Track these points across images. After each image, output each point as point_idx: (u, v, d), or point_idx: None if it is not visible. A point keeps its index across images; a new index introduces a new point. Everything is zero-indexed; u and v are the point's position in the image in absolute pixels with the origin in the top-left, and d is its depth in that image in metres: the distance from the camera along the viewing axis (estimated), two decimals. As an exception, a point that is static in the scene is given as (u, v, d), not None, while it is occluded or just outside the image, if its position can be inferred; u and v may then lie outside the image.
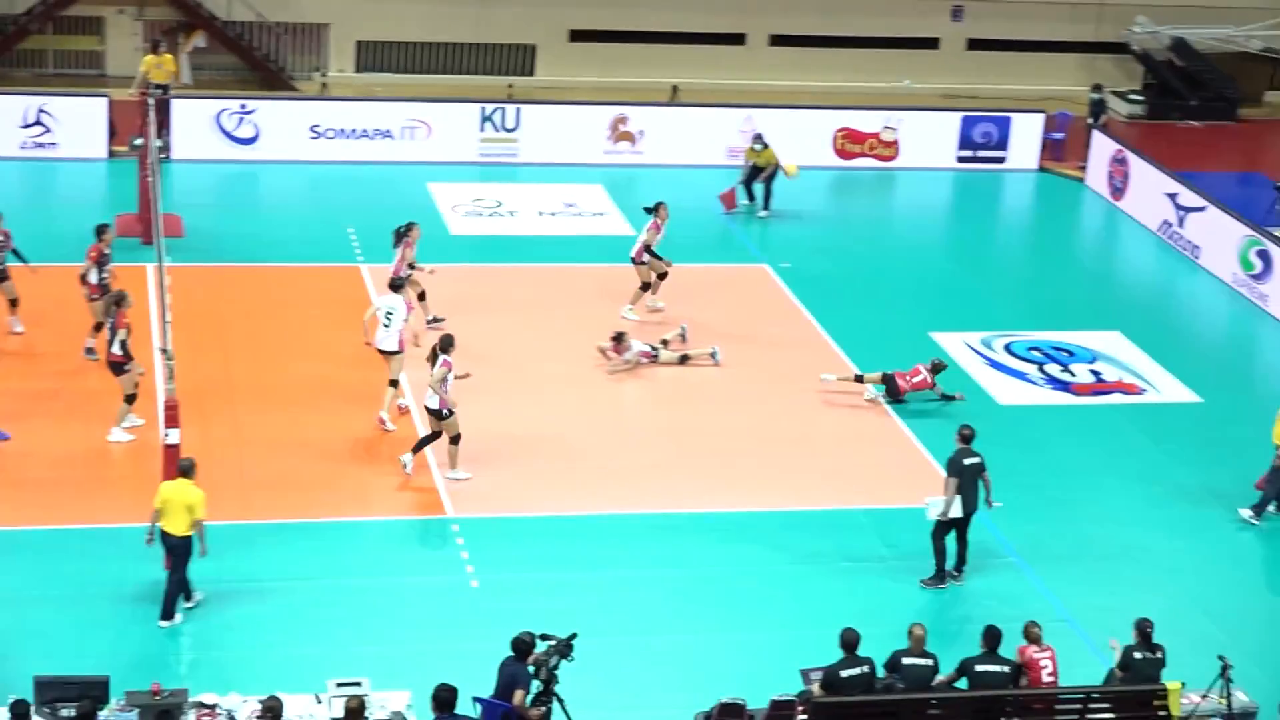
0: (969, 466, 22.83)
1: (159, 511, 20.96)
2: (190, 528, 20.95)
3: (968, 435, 23.17)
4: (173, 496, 20.95)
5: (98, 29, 42.90)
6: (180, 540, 20.96)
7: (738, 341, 30.07)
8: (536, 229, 35.11)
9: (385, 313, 26.45)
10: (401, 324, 26.31)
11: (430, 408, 24.74)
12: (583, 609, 21.77)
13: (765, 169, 36.39)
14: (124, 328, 25.00)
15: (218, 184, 36.69)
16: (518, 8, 44.11)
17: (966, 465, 22.82)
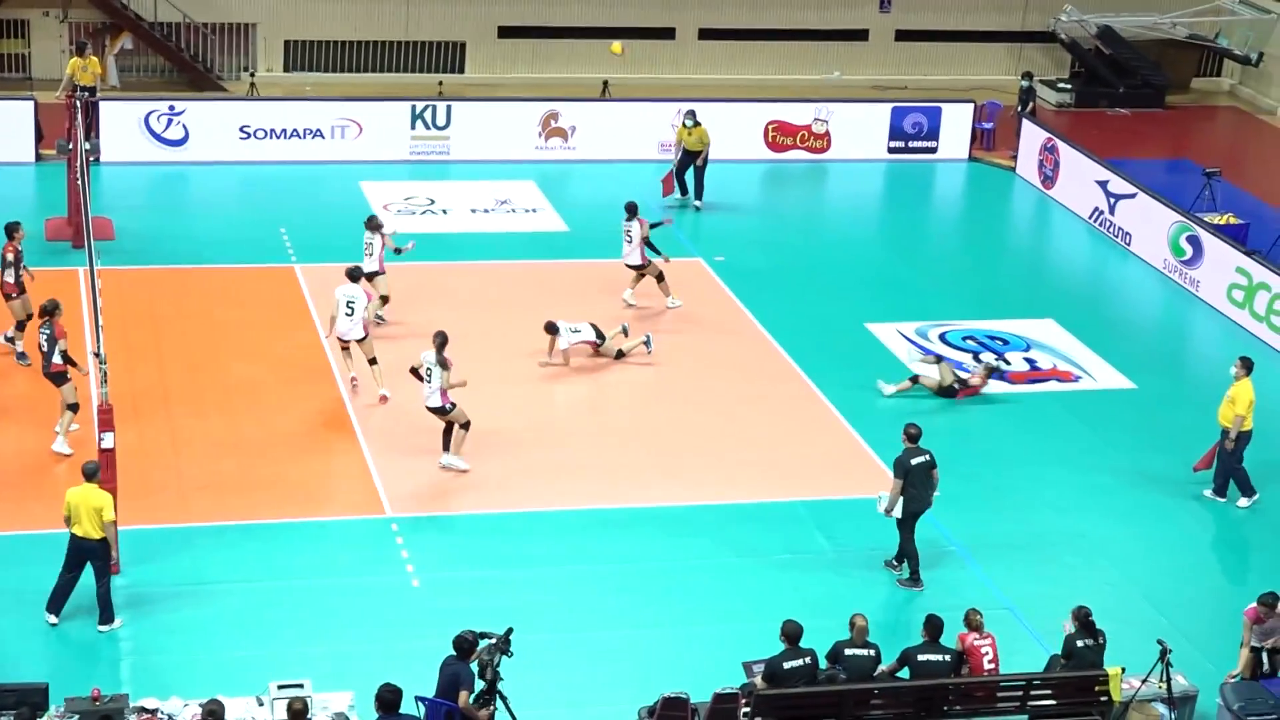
0: (916, 466, 22.83)
1: (69, 518, 20.78)
2: (103, 530, 20.78)
3: (914, 434, 23.11)
4: (80, 501, 20.75)
5: (23, 32, 42.55)
6: (97, 543, 20.78)
7: (675, 335, 30.09)
8: (470, 226, 35.03)
9: (347, 302, 26.86)
10: (363, 311, 26.85)
11: (432, 406, 24.84)
12: (525, 606, 21.75)
13: (697, 155, 36.40)
14: (62, 337, 24.73)
15: (148, 186, 36.43)
16: (446, 5, 44.01)
17: (914, 465, 22.82)
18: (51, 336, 24.65)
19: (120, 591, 21.60)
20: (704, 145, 36.51)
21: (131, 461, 23.61)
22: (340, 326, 26.94)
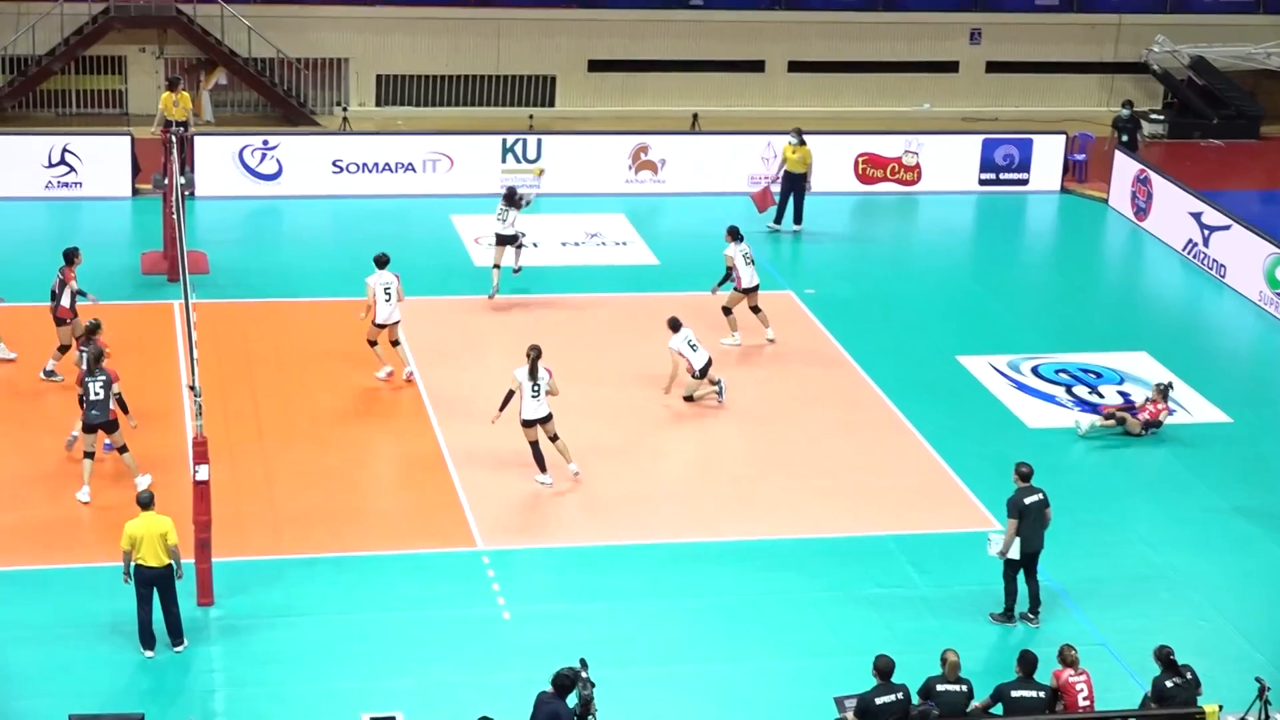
0: (1030, 505, 22.58)
1: (130, 551, 20.89)
2: (168, 555, 20.94)
3: (1026, 473, 22.74)
4: (144, 531, 20.87)
5: (120, 68, 43.06)
6: (163, 570, 20.95)
7: (765, 367, 30.08)
8: (560, 259, 35.12)
9: (384, 288, 28.15)
10: (398, 297, 28.30)
11: (542, 416, 25.37)
12: (613, 639, 21.77)
13: (800, 179, 36.47)
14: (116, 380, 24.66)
15: (242, 220, 36.78)
16: (536, 39, 44.22)
17: (1028, 504, 22.55)
18: (108, 381, 24.66)
19: (214, 622, 21.81)
20: (806, 166, 36.60)
21: (225, 493, 23.81)
22: (381, 313, 27.90)
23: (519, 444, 26.23)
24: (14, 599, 22.26)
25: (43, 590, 22.50)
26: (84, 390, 24.36)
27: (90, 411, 24.37)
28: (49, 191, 36.96)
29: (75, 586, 22.59)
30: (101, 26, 41.41)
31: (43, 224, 35.72)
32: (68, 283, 27.89)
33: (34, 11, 41.34)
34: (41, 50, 41.56)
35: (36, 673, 20.72)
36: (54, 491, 24.87)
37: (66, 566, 23.11)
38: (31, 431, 26.62)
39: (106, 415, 24.42)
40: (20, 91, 41.69)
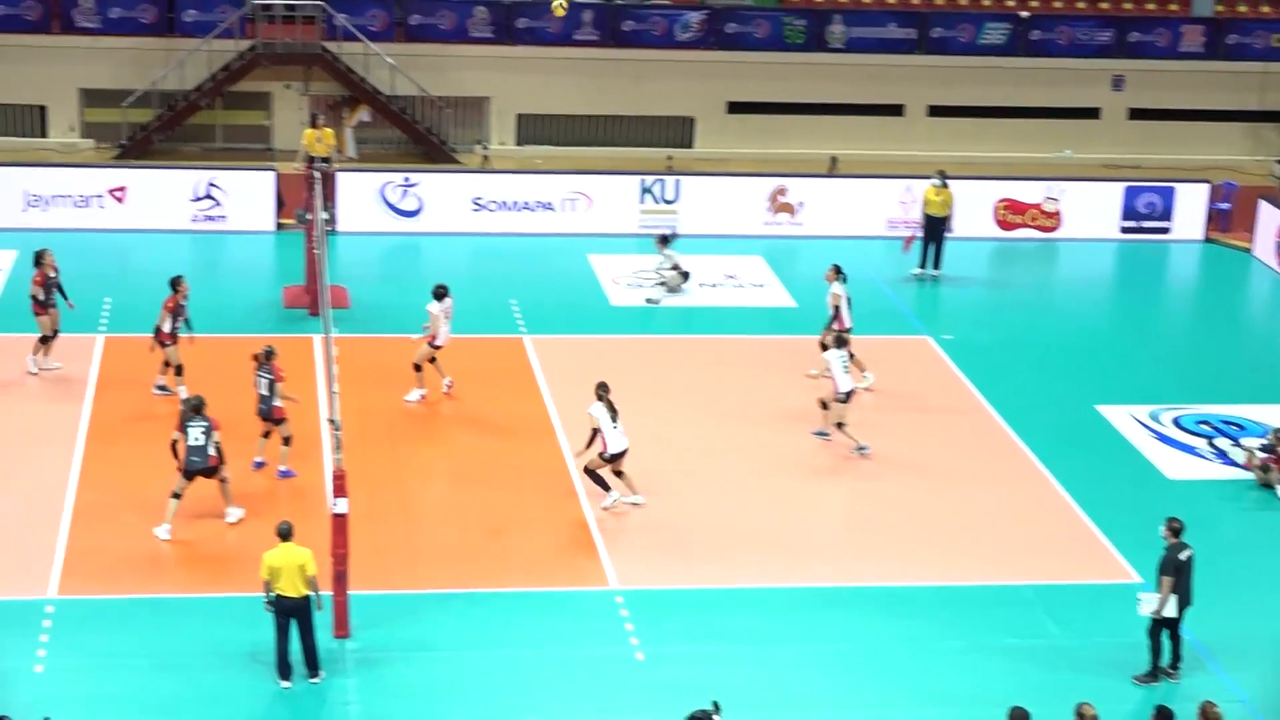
0: (1185, 561, 22.19)
1: (269, 581, 21.11)
2: (306, 586, 21.13)
3: (1177, 529, 22.25)
4: (283, 562, 21.08)
5: (265, 104, 43.67)
6: (300, 600, 21.14)
7: (901, 414, 29.92)
8: (697, 300, 35.16)
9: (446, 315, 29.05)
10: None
11: (625, 449, 25.64)
12: (747, 683, 21.71)
13: (941, 222, 36.36)
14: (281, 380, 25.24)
15: (382, 255, 37.16)
16: (676, 81, 44.37)
17: (1182, 560, 22.16)
18: (272, 381, 25.05)
19: (350, 654, 21.98)
20: (949, 210, 36.49)
21: (363, 527, 24.01)
22: (443, 336, 28.80)
23: (657, 484, 26.36)
24: (156, 626, 22.54)
25: (184, 618, 22.76)
26: (184, 434, 24.57)
27: (190, 457, 24.60)
28: (194, 225, 37.55)
29: (215, 615, 22.83)
30: (248, 63, 42.03)
31: (188, 256, 36.25)
32: (168, 309, 28.33)
33: (183, 48, 42.03)
34: (190, 86, 42.22)
35: (176, 701, 20.96)
36: (195, 519, 25.16)
37: (207, 595, 23.38)
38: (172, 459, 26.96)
39: (205, 461, 24.63)
40: (168, 126, 42.38)
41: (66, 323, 30.97)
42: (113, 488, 26.02)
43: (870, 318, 34.22)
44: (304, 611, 21.24)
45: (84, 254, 35.84)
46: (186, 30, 42.56)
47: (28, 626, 22.33)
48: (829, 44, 44.95)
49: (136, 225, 37.31)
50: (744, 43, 44.68)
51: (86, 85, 42.83)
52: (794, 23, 44.71)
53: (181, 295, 28.59)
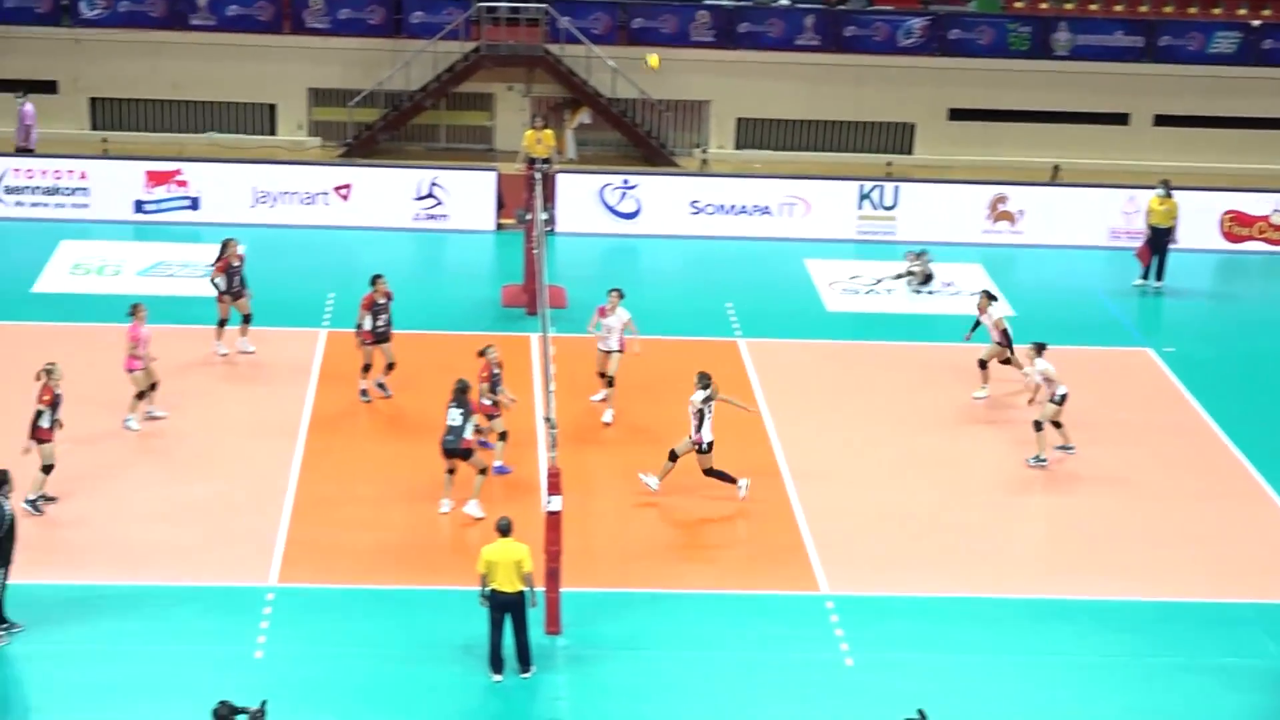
0: None
1: (486, 575, 21.33)
2: (522, 582, 21.32)
3: None
4: (500, 557, 21.28)
5: (488, 105, 44.19)
6: (515, 595, 21.32)
7: (1119, 426, 29.49)
8: (914, 308, 34.96)
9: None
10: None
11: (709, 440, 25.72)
12: (957, 692, 21.61)
13: (1166, 233, 35.79)
14: (478, 412, 25.47)
15: (600, 257, 37.41)
16: (897, 87, 44.13)
17: None
18: (467, 412, 25.25)
19: (561, 651, 22.19)
20: (1173, 220, 35.92)
21: (576, 525, 24.21)
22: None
23: (868, 490, 26.33)
24: (374, 618, 22.94)
25: (401, 610, 23.13)
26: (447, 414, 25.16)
27: (446, 436, 25.06)
28: (416, 223, 38.11)
29: (430, 608, 23.17)
30: (472, 64, 42.55)
31: (409, 254, 36.83)
32: (364, 307, 28.63)
33: (409, 49, 42.67)
34: (415, 86, 42.84)
35: (391, 691, 21.31)
36: (411, 513, 25.56)
37: (423, 588, 23.72)
38: (390, 452, 27.43)
39: (459, 442, 25.04)
40: (393, 126, 43.05)
41: (289, 317, 31.73)
42: (332, 479, 26.50)
43: (1090, 329, 33.87)
44: (519, 607, 21.43)
45: (309, 250, 36.60)
46: (412, 31, 43.19)
47: (249, 613, 22.82)
48: (1054, 51, 44.42)
49: (360, 223, 37.95)
50: (967, 49, 44.29)
51: (315, 85, 43.66)
52: (1018, 29, 44.25)
53: (379, 293, 28.88)
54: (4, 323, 31.91)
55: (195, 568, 23.93)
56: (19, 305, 32.89)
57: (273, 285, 33.58)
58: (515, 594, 21.34)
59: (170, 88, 43.24)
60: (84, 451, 26.50)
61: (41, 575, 23.28)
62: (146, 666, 21.53)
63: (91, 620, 22.47)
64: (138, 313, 27.65)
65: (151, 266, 35.11)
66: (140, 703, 20.81)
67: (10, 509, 21.58)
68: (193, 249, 35.72)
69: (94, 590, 23.19)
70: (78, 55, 42.83)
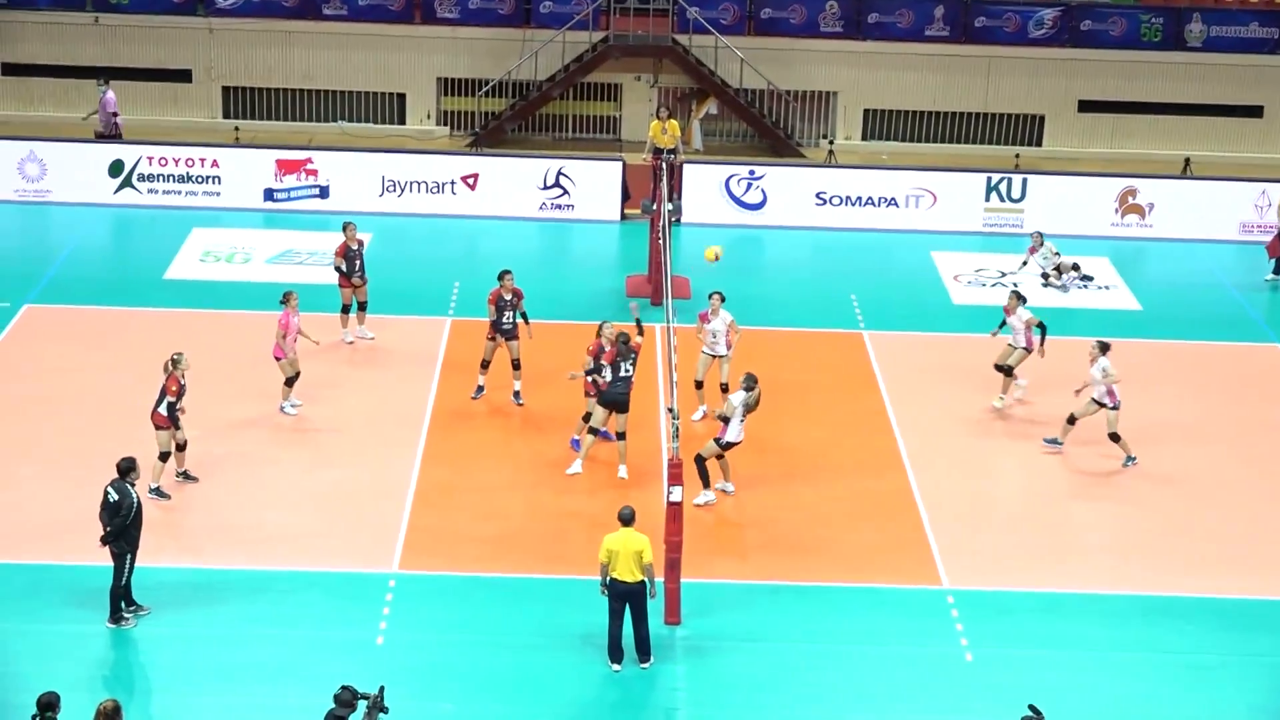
0: None
1: (607, 564, 21.36)
2: (642, 573, 21.38)
3: None
4: (621, 547, 21.30)
5: (615, 95, 44.32)
6: (635, 585, 21.38)
7: (1246, 425, 29.14)
8: (1038, 300, 34.63)
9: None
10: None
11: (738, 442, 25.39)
12: (1077, 689, 21.47)
13: None
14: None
15: (726, 247, 37.24)
16: (1026, 79, 43.82)
17: None
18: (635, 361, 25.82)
19: (680, 642, 22.24)
20: (1304, 210, 35.55)
21: (697, 515, 24.26)
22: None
23: (988, 486, 26.24)
24: (495, 606, 23.09)
25: (521, 599, 23.27)
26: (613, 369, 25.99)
27: (615, 387, 26.00)
28: (542, 212, 38.29)
29: (550, 597, 23.30)
30: (600, 54, 42.68)
31: (535, 244, 37.04)
32: (490, 302, 28.60)
33: (538, 39, 42.86)
34: (542, 76, 43.04)
35: (509, 679, 21.43)
36: (532, 501, 25.73)
37: (544, 577, 23.85)
38: (512, 441, 27.61)
39: (627, 393, 25.96)
40: (521, 115, 43.28)
41: (415, 306, 32.00)
42: (454, 467, 26.70)
43: (1220, 324, 33.52)
44: (639, 597, 21.49)
45: (436, 239, 36.89)
46: (542, 21, 43.38)
47: (371, 599, 23.06)
48: (1186, 42, 43.92)
49: (487, 212, 38.19)
50: (1098, 40, 43.90)
51: (444, 74, 43.95)
52: (1151, 20, 43.79)
53: (505, 289, 28.69)
54: (136, 309, 32.38)
55: (319, 554, 24.20)
56: (151, 291, 33.38)
57: (399, 274, 33.95)
58: (636, 584, 21.39)
59: (301, 77, 43.72)
60: (209, 438, 26.86)
61: (167, 559, 23.67)
62: (269, 650, 21.80)
63: (216, 604, 22.77)
64: (290, 300, 27.94)
65: (280, 255, 35.53)
66: (262, 686, 21.07)
67: (137, 495, 21.93)
68: (321, 237, 36.10)
69: (218, 575, 23.51)
70: (211, 44, 43.39)
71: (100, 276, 34.27)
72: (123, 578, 22.01)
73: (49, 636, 21.85)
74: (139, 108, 42.71)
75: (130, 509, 21.79)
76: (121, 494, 21.79)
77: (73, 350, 30.20)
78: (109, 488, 21.92)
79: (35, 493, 25.24)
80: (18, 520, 24.51)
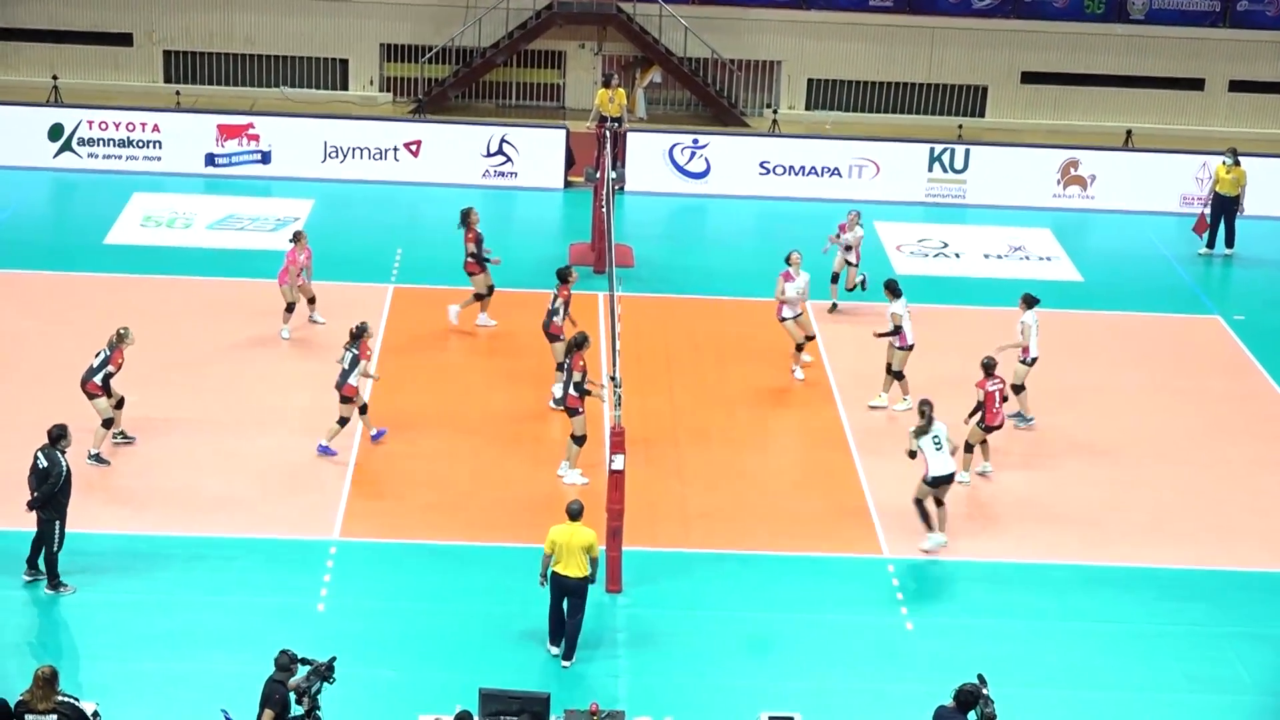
0: None
1: (550, 556, 20.87)
2: (587, 567, 20.89)
3: None
4: (566, 540, 20.80)
5: (559, 63, 44.20)
6: (578, 581, 20.88)
7: (1187, 395, 29.33)
8: (981, 271, 34.80)
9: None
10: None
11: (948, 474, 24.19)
12: (1018, 658, 21.61)
13: (1232, 201, 35.45)
14: (580, 370, 25.31)
15: (668, 216, 37.40)
16: (970, 50, 43.93)
17: None
18: (569, 368, 25.21)
19: (621, 611, 22.28)
20: (1239, 189, 35.58)
21: (638, 484, 24.23)
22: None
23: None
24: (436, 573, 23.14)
25: (462, 566, 23.30)
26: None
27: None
28: (486, 180, 38.16)
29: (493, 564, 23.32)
30: (544, 22, 42.55)
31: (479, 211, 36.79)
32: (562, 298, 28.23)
33: (482, 5, 42.68)
34: (486, 43, 42.89)
35: (451, 646, 21.43)
36: (474, 469, 25.69)
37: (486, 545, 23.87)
38: (456, 408, 27.54)
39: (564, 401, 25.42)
40: (464, 82, 43.13)
41: (358, 272, 31.94)
42: (396, 434, 26.57)
43: (1160, 295, 33.68)
44: (579, 593, 20.94)
45: (378, 205, 36.72)
46: (486, -12, 43.27)
47: (312, 566, 23.00)
48: (1129, 15, 44.08)
49: (430, 179, 38.04)
50: (1041, 12, 44.04)
51: (387, 40, 43.73)
52: (1094, -8, 44.01)
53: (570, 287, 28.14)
54: (76, 273, 32.15)
55: (259, 521, 24.11)
56: (91, 256, 33.15)
57: (342, 241, 33.82)
58: (579, 580, 20.88)
59: (244, 41, 43.44)
60: (151, 402, 26.71)
61: (106, 525, 23.54)
62: (209, 617, 21.72)
63: (154, 571, 22.66)
64: (299, 239, 29.58)
65: (222, 220, 35.32)
66: (203, 652, 20.99)
67: (66, 463, 21.75)
68: (263, 203, 35.91)
69: (158, 541, 23.39)
70: (153, 8, 43.06)
71: (40, 241, 33.99)
72: (54, 544, 21.85)
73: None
74: (79, 71, 42.34)
75: (60, 476, 21.63)
76: (51, 461, 21.64)
77: (10, 315, 29.96)
78: (39, 453, 21.78)
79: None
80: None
